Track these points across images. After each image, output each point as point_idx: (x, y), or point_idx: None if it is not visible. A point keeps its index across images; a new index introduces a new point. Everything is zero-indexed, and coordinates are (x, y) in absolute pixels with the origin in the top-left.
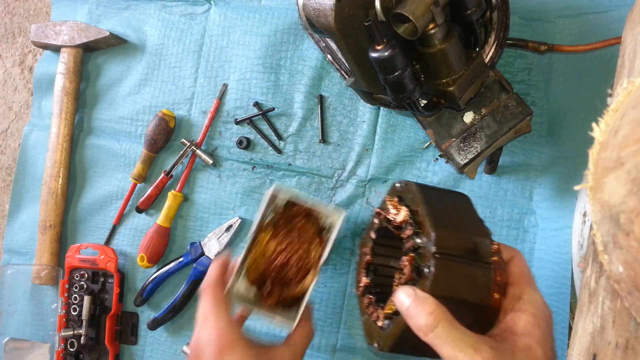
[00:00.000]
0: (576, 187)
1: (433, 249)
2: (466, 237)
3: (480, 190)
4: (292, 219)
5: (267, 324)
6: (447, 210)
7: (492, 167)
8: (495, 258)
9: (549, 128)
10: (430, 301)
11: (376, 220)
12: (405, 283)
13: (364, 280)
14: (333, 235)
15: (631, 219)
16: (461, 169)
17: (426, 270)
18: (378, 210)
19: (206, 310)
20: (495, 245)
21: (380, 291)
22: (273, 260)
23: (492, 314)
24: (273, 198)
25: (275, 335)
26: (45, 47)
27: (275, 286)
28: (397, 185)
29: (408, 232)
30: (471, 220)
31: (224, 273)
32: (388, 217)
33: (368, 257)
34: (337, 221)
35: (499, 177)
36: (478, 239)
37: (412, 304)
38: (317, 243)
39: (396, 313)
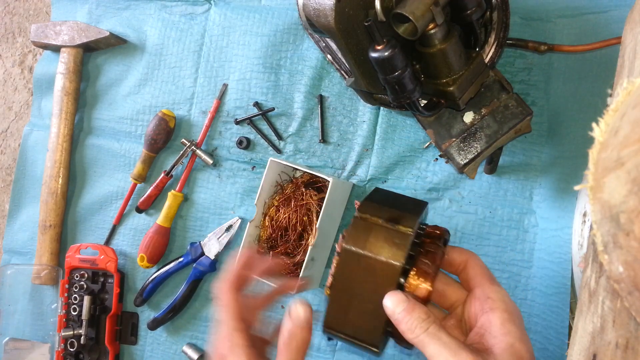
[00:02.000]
0: (576, 187)
1: (355, 213)
2: (391, 210)
3: (480, 190)
4: (297, 188)
5: None
6: (386, 200)
7: (492, 167)
8: (427, 240)
9: (549, 128)
10: (421, 310)
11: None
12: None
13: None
14: (327, 197)
15: (631, 219)
16: (461, 169)
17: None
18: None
19: (222, 348)
20: (430, 229)
21: None
22: (278, 225)
23: (415, 298)
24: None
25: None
26: (45, 47)
27: (282, 246)
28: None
29: None
30: (408, 207)
31: (242, 282)
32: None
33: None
34: (329, 185)
35: (499, 177)
36: (404, 213)
37: (403, 312)
38: (317, 208)
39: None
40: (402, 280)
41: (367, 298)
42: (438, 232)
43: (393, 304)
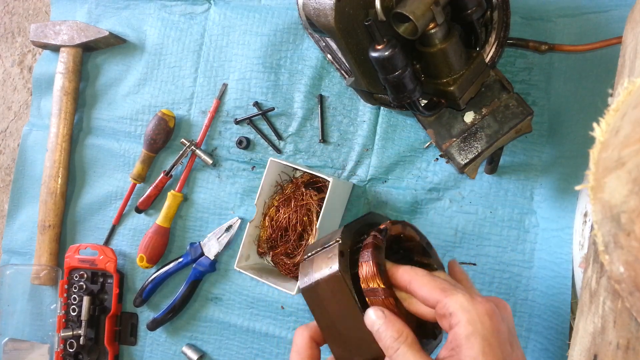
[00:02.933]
0: (577, 187)
1: (302, 257)
2: (326, 237)
3: (480, 190)
4: (297, 188)
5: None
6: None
7: (493, 167)
8: (366, 242)
9: (549, 128)
10: (398, 325)
11: None
12: None
13: None
14: (327, 198)
15: (632, 219)
16: (462, 169)
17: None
18: None
19: None
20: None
21: None
22: (278, 225)
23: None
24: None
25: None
26: (44, 46)
27: (282, 247)
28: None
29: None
30: (348, 226)
31: (319, 341)
32: None
33: None
34: (329, 185)
35: (499, 177)
36: (335, 232)
37: (382, 326)
38: (317, 208)
39: None
40: (360, 285)
41: (346, 319)
42: (382, 226)
43: (369, 322)
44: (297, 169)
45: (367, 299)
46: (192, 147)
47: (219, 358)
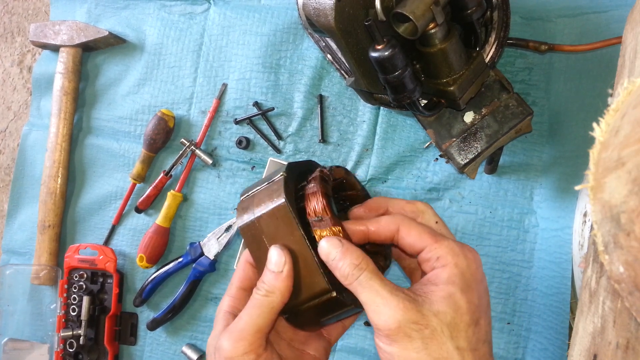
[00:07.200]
0: (577, 187)
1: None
2: (263, 178)
3: (480, 190)
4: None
5: None
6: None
7: (493, 167)
8: (312, 176)
9: (549, 128)
10: (357, 253)
11: None
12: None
13: None
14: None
15: (632, 219)
16: (461, 169)
17: None
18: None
19: (217, 311)
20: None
21: None
22: None
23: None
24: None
25: None
26: (44, 46)
27: None
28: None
29: None
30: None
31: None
32: None
33: None
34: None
35: (499, 177)
36: (274, 172)
37: (339, 254)
38: None
39: None
40: (306, 220)
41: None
42: (325, 169)
43: (326, 250)
44: None
45: (314, 231)
46: (192, 147)
47: None
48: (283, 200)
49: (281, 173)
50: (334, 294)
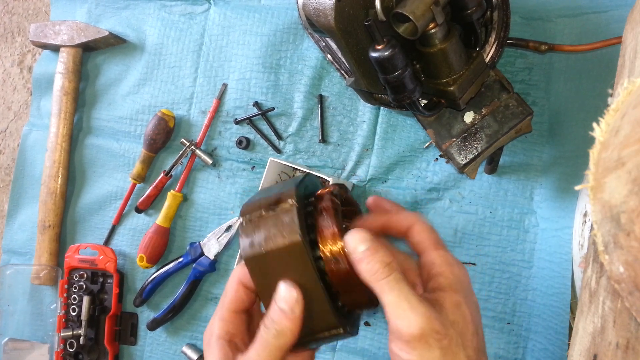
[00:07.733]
0: (577, 187)
1: (239, 219)
2: (267, 198)
3: (480, 190)
4: None
5: None
6: (263, 192)
7: (493, 167)
8: (320, 202)
9: (549, 128)
10: (388, 251)
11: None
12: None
13: None
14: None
15: (632, 219)
16: (461, 169)
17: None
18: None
19: (206, 335)
20: (320, 192)
21: None
22: None
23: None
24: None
25: None
26: (44, 46)
27: None
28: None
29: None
30: (285, 186)
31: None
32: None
33: None
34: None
35: (499, 177)
36: (280, 193)
37: (366, 251)
38: None
39: None
40: (317, 253)
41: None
42: (328, 189)
43: (355, 241)
44: (297, 169)
45: (326, 267)
46: (192, 147)
47: None
48: (299, 239)
49: (289, 200)
50: (342, 330)
